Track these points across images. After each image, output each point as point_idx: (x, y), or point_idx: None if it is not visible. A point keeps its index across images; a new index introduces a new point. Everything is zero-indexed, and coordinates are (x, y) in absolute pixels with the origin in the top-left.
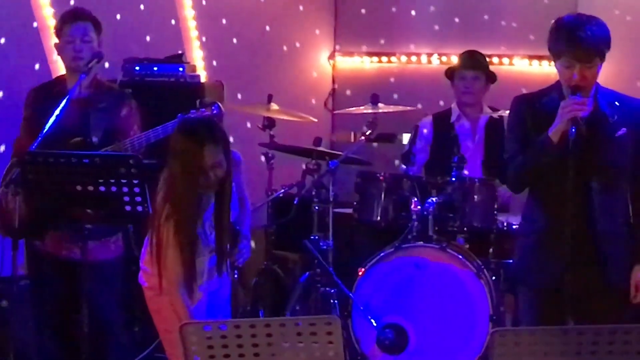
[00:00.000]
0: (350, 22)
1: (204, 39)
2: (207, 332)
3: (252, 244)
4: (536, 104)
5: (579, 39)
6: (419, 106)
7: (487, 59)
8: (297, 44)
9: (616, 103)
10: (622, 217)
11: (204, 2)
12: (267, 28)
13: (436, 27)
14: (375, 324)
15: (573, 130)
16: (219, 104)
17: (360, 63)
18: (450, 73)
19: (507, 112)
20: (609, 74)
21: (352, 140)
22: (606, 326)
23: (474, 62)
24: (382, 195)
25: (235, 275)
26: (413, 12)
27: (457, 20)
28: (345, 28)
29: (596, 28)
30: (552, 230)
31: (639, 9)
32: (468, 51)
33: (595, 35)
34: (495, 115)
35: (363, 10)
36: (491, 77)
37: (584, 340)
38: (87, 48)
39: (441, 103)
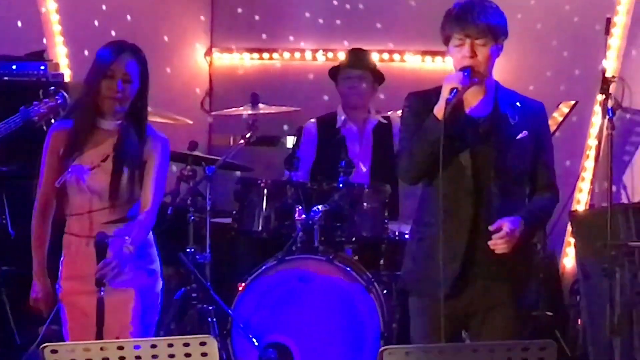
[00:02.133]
0: (228, 15)
1: (68, 34)
2: (70, 355)
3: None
4: (432, 101)
5: (469, 15)
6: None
7: (377, 55)
8: (171, 40)
9: (517, 104)
10: None
11: None
12: (137, 23)
13: (321, 21)
14: (256, 344)
15: (452, 94)
16: (64, 93)
17: (240, 60)
18: (334, 72)
19: (399, 112)
20: (503, 72)
21: (231, 144)
22: (503, 343)
23: (359, 60)
24: (264, 204)
25: (102, 292)
26: (296, 5)
27: (343, 13)
28: (222, 22)
29: (489, 9)
30: (447, 236)
31: (530, 7)
32: (353, 49)
33: (487, 13)
34: (383, 119)
35: (241, 3)
36: (379, 78)
37: (478, 357)
38: None
39: (325, 97)
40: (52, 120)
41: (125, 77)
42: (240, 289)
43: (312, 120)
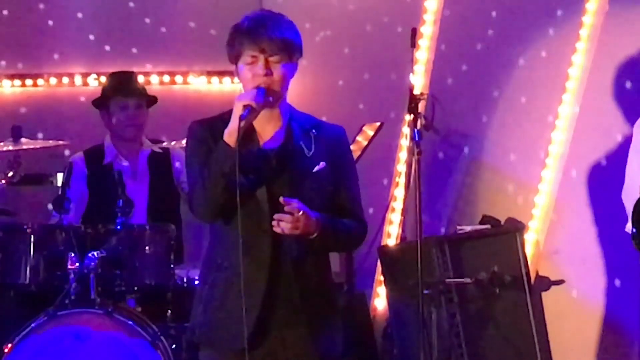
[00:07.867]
0: None
1: None
2: None
3: None
4: (219, 128)
5: (262, 28)
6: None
7: (157, 78)
8: None
9: (313, 131)
10: (323, 266)
11: None
12: None
13: (92, 40)
14: None
15: (246, 112)
16: None
17: None
18: (103, 101)
19: (177, 142)
20: (300, 94)
21: None
22: None
23: (129, 85)
24: (31, 252)
25: None
26: (63, 23)
27: (117, 33)
28: None
29: (283, 23)
30: (243, 281)
31: (331, 23)
32: (119, 73)
33: (281, 27)
34: (159, 149)
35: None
36: (151, 102)
37: None
38: None
39: (98, 128)
40: None
41: None
42: (6, 350)
43: (79, 153)
